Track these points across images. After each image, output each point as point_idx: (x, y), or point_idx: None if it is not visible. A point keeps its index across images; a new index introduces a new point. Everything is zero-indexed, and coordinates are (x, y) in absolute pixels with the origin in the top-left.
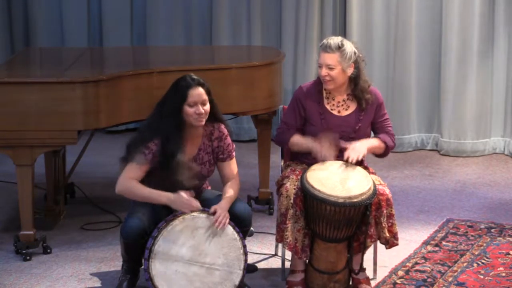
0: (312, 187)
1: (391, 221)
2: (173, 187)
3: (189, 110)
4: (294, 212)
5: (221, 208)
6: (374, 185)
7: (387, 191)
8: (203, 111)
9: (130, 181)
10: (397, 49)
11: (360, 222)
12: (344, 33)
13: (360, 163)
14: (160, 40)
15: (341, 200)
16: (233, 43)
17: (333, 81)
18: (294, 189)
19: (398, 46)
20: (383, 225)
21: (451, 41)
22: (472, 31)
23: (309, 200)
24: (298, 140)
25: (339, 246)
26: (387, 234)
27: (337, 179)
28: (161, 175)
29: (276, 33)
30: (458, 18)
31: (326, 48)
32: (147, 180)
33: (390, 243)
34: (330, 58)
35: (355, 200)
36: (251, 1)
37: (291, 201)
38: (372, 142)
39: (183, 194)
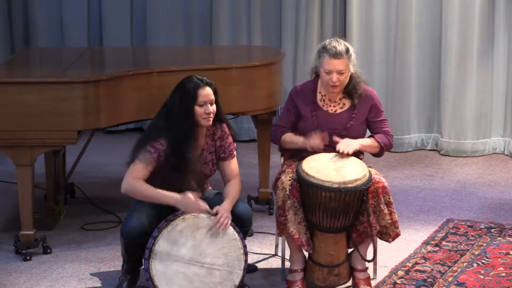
0: (307, 174)
1: (390, 208)
2: (178, 188)
3: (198, 110)
4: (292, 203)
5: (224, 209)
6: (370, 173)
7: (383, 179)
8: (211, 111)
9: (137, 180)
10: (397, 49)
11: (357, 211)
12: (344, 33)
13: (356, 156)
14: (160, 40)
15: (335, 186)
16: (233, 43)
17: (341, 85)
18: (289, 180)
19: (398, 46)
20: (385, 212)
21: (451, 41)
22: (472, 31)
23: (304, 188)
24: (289, 138)
25: (337, 237)
26: (388, 221)
27: (332, 167)
28: (166, 175)
29: (276, 33)
30: (458, 18)
31: (336, 55)
32: (151, 180)
33: (393, 235)
34: (341, 64)
35: (349, 185)
36: (251, 1)
37: (287, 192)
38: (366, 141)
39: (190, 195)
